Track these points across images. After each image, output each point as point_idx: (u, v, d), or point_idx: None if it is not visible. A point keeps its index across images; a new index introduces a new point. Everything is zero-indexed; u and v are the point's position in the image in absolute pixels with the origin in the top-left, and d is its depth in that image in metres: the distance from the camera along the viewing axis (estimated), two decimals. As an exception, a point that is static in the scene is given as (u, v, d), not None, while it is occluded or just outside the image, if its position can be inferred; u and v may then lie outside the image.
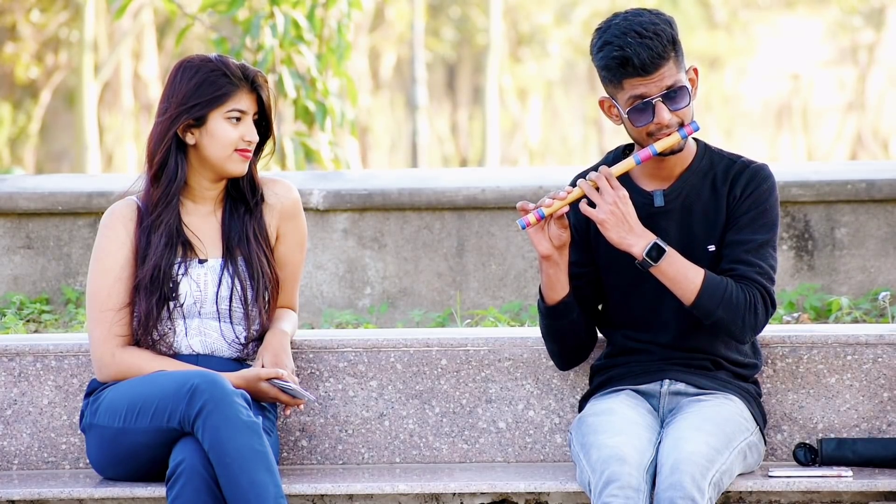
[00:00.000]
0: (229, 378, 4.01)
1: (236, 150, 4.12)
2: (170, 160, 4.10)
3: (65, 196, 6.34)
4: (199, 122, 4.10)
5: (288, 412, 4.18)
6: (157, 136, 4.11)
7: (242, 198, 4.19)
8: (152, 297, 4.07)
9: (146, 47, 22.53)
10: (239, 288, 4.13)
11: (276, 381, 4.07)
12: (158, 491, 4.02)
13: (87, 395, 4.13)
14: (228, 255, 4.15)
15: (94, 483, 4.11)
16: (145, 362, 4.07)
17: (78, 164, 18.11)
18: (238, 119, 4.12)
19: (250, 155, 4.14)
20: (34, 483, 4.16)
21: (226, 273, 4.14)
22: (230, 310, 4.14)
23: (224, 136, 4.10)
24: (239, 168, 4.14)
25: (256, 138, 4.14)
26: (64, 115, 22.97)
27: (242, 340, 4.16)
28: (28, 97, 22.64)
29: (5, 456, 4.37)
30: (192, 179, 4.15)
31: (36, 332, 5.98)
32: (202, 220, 4.17)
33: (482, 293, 6.30)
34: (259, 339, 4.19)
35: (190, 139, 4.11)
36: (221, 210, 4.19)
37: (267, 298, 4.17)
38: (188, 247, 4.13)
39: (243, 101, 4.12)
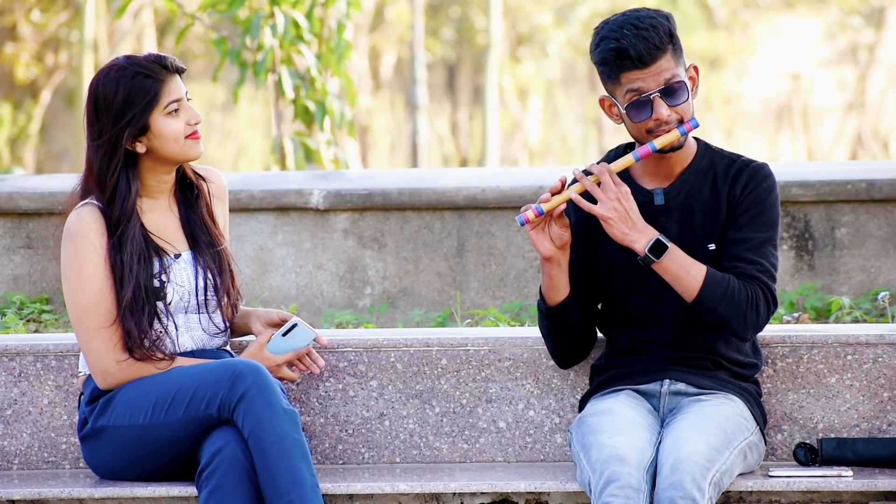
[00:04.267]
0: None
1: (187, 137, 4.10)
2: (121, 180, 4.05)
3: (65, 196, 6.31)
4: (144, 130, 4.05)
5: (303, 367, 4.16)
6: (104, 159, 4.03)
7: (189, 184, 4.19)
8: (141, 315, 4.03)
9: (146, 47, 22.52)
10: (211, 277, 4.13)
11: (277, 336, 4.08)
12: (159, 491, 4.02)
13: (91, 400, 4.08)
14: (195, 246, 4.14)
15: (94, 483, 4.11)
16: (155, 369, 4.05)
17: (78, 164, 18.12)
18: (176, 110, 4.09)
19: (200, 134, 4.11)
20: (34, 483, 4.16)
21: (198, 265, 4.14)
22: (206, 300, 4.14)
23: (172, 130, 4.06)
24: (196, 151, 4.11)
25: (200, 117, 4.11)
26: (64, 115, 22.96)
27: (219, 328, 4.16)
28: (28, 97, 22.64)
29: (5, 456, 4.37)
30: (147, 179, 4.12)
31: (36, 331, 5.98)
32: (162, 216, 4.15)
33: (482, 293, 6.30)
34: (232, 321, 4.19)
35: (140, 148, 4.06)
36: (176, 203, 4.18)
37: (233, 285, 4.18)
38: (160, 252, 4.10)
39: (173, 90, 4.07)
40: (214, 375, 3.91)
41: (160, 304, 4.05)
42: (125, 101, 4.02)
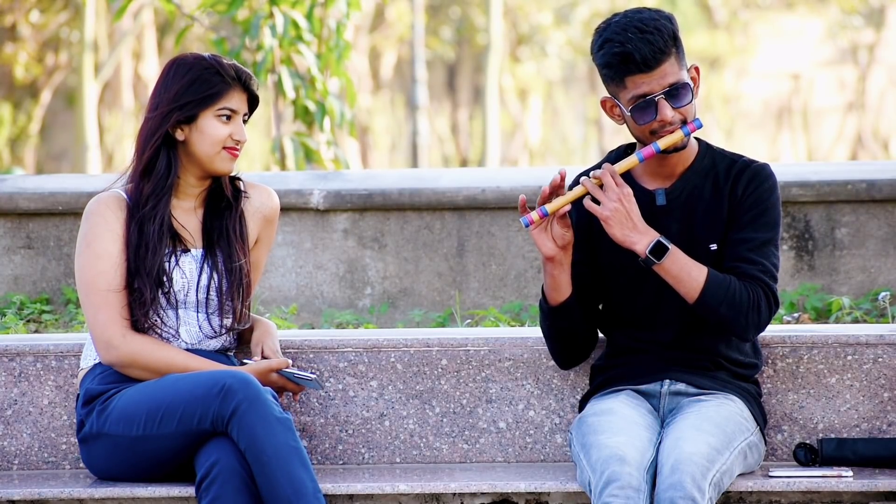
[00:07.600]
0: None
1: (224, 147, 4.13)
2: (160, 156, 4.12)
3: (65, 196, 6.34)
4: (190, 119, 4.11)
5: (297, 398, 4.25)
6: (148, 133, 4.12)
7: (223, 195, 4.20)
8: (151, 284, 4.07)
9: (146, 47, 22.55)
10: (216, 278, 4.15)
11: (284, 370, 4.11)
12: (159, 491, 4.02)
13: (86, 402, 4.09)
14: (208, 247, 4.16)
15: (94, 483, 4.11)
16: (156, 349, 4.06)
17: (78, 164, 18.12)
18: (228, 118, 4.13)
19: (238, 153, 4.16)
20: (34, 483, 4.16)
21: (206, 264, 4.15)
22: (207, 299, 4.15)
23: (214, 133, 4.11)
24: (227, 166, 4.15)
25: (246, 138, 4.16)
26: (64, 115, 22.98)
27: (217, 331, 4.16)
28: (28, 97, 22.65)
29: (5, 456, 4.37)
30: (179, 176, 4.16)
31: (36, 332, 5.98)
32: (185, 215, 4.18)
33: (482, 293, 6.30)
34: (232, 330, 4.19)
35: (179, 135, 4.13)
36: (203, 209, 4.20)
37: (241, 292, 4.18)
38: (178, 238, 4.14)
39: (234, 101, 4.13)
40: (202, 391, 3.91)
41: (166, 283, 4.08)
42: (188, 85, 4.10)
